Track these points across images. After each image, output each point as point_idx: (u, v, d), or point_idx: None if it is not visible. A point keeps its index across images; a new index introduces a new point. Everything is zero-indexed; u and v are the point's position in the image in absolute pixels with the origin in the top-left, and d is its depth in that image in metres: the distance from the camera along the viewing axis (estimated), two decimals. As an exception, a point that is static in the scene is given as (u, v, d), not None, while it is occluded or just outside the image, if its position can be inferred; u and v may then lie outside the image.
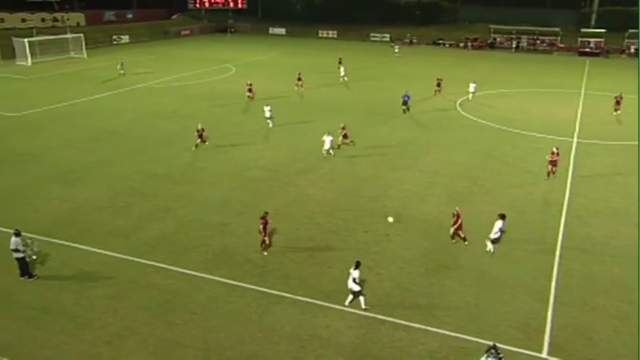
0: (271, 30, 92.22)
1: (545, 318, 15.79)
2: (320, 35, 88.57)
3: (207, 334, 14.89)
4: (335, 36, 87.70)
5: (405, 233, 20.70)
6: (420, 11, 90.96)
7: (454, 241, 19.86)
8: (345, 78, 49.05)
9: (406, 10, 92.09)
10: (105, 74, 51.27)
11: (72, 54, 61.48)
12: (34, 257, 17.65)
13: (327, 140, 28.52)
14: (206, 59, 62.40)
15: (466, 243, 19.67)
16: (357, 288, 15.99)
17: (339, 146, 29.75)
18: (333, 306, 16.11)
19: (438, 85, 44.86)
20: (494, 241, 19.33)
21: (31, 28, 66.27)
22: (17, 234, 17.08)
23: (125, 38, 76.80)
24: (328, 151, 28.69)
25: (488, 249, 19.19)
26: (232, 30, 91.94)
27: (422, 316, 15.79)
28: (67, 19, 72.84)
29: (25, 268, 17.21)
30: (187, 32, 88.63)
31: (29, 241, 17.57)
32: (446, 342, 14.76)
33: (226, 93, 44.02)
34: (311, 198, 23.73)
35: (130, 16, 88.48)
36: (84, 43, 62.48)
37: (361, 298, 16.06)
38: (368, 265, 18.11)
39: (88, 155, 28.61)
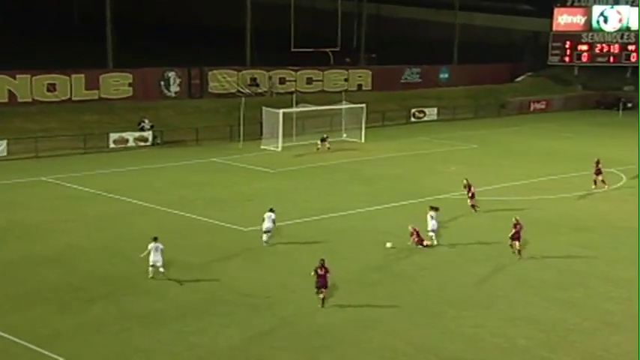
0: None
1: None
2: None
3: None
4: None
5: None
6: None
7: (512, 250, 36.28)
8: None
9: None
10: (385, 171, 55.73)
11: (344, 136, 67.39)
12: None
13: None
14: (575, 156, 63.07)
15: (518, 257, 36.01)
16: None
17: None
18: None
19: None
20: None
21: (291, 92, 74.97)
22: None
23: (432, 112, 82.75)
24: None
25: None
26: (629, 104, 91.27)
27: None
28: (272, 82, 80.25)
29: None
30: (542, 106, 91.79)
31: None
32: None
33: (602, 222, 43.86)
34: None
35: (444, 75, 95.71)
36: (364, 119, 68.28)
37: None
38: None
39: (346, 310, 30.33)
